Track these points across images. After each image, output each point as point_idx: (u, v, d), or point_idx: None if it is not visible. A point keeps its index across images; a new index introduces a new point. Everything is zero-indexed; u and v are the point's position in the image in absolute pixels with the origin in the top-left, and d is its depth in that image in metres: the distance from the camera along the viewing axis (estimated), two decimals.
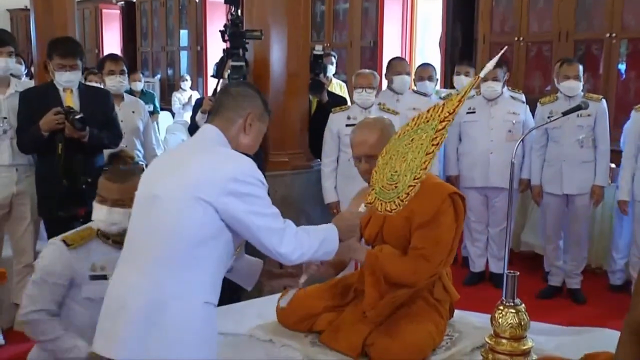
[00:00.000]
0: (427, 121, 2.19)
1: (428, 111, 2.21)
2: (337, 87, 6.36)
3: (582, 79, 4.43)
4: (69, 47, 3.65)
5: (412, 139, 2.21)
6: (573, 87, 4.38)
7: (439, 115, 2.16)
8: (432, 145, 2.13)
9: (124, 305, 1.95)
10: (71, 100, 3.64)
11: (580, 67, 4.44)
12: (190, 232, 1.94)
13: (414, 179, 2.14)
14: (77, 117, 3.46)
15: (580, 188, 4.46)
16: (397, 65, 4.89)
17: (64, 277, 2.50)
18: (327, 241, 2.14)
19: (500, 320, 2.29)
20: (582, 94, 4.43)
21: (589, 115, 4.35)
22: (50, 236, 3.14)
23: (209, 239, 1.97)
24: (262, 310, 2.82)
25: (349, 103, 5.07)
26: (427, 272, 2.49)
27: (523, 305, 2.32)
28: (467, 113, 4.74)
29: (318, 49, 5.20)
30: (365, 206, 2.29)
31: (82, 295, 2.53)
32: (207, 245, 1.97)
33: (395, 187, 2.19)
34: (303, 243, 2.07)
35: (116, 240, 2.56)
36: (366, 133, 2.54)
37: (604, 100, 4.47)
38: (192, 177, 1.96)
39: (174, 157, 2.18)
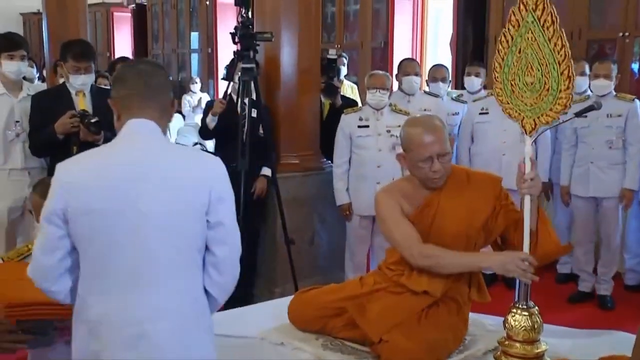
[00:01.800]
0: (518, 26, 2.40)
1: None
2: (349, 89, 6.35)
3: (613, 79, 4.32)
4: (83, 50, 3.67)
5: (519, 49, 2.36)
6: (601, 86, 4.30)
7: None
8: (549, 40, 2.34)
9: (142, 333, 1.79)
10: (84, 103, 3.65)
11: (613, 66, 4.34)
12: (195, 244, 1.85)
13: (567, 78, 2.30)
14: (93, 120, 3.48)
15: (607, 191, 4.35)
16: (407, 66, 4.87)
17: None
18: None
19: (513, 322, 2.27)
20: (614, 93, 4.35)
21: (619, 115, 4.28)
22: None
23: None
24: (274, 313, 2.81)
25: (359, 105, 5.05)
26: None
27: (536, 307, 2.30)
28: (480, 114, 4.71)
29: (332, 53, 5.20)
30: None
31: None
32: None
33: (545, 94, 2.30)
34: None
35: None
36: (434, 130, 2.46)
37: (637, 101, 4.34)
38: (179, 189, 1.81)
39: (138, 167, 1.82)
